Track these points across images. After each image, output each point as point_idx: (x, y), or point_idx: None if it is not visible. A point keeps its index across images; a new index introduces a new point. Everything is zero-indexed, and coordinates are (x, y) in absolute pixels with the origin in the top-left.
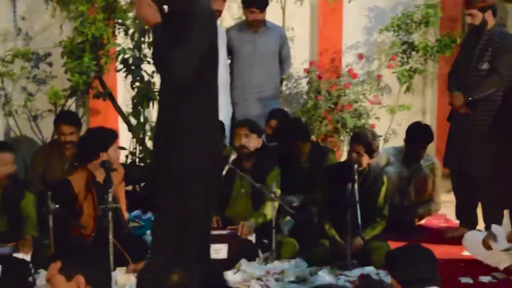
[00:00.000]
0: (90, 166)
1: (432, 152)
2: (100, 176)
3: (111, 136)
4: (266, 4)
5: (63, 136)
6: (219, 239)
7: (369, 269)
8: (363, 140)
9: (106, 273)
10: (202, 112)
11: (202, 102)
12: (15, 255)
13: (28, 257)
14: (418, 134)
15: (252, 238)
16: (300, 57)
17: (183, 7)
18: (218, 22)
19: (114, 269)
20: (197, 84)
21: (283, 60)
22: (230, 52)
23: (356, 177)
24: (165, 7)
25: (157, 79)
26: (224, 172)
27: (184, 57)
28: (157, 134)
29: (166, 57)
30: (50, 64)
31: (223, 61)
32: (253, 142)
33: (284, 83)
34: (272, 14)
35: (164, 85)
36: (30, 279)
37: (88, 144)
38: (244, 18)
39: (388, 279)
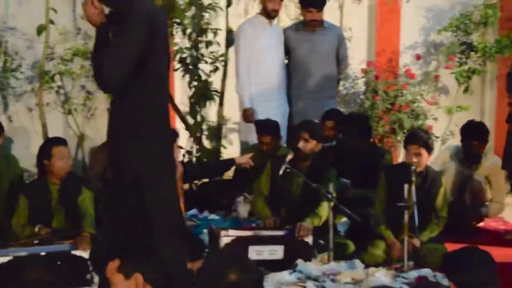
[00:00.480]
0: None
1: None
2: None
3: (172, 135)
4: (324, 3)
5: None
6: (276, 240)
7: (426, 271)
8: (420, 139)
9: (164, 271)
10: (146, 112)
11: (145, 102)
12: (73, 252)
13: (86, 255)
14: (471, 131)
15: (309, 239)
16: (357, 57)
17: (120, 8)
18: (275, 22)
19: None
20: (136, 85)
21: (340, 60)
22: (288, 52)
23: (414, 178)
24: (106, 8)
25: (214, 79)
26: (281, 172)
27: (112, 60)
28: (108, 135)
29: (97, 59)
30: None
31: (280, 61)
32: (310, 147)
33: (341, 83)
34: (329, 14)
35: None
36: (88, 276)
37: None
38: (301, 18)
39: (445, 281)
